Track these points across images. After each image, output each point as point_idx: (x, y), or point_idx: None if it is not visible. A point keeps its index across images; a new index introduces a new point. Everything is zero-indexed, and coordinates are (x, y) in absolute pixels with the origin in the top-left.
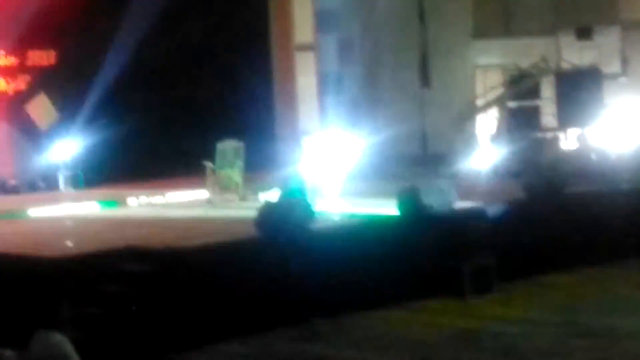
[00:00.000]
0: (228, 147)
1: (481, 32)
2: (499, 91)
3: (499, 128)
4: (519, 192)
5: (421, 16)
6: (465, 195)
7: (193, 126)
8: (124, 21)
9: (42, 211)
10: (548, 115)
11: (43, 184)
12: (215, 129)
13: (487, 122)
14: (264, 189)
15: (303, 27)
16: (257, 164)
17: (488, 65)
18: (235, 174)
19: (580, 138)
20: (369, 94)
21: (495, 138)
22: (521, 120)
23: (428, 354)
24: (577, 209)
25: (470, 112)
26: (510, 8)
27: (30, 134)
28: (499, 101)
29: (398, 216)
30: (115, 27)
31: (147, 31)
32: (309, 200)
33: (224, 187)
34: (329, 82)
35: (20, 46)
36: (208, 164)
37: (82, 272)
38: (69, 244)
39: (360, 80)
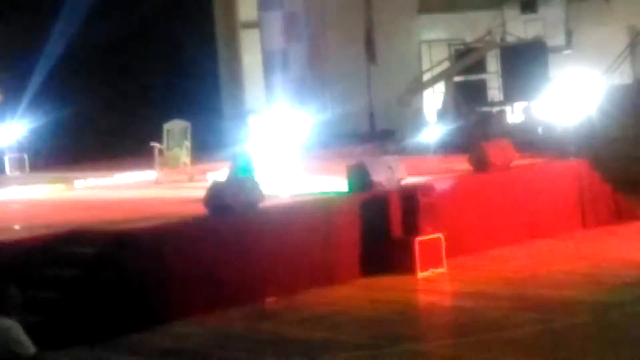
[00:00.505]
0: (175, 127)
1: (426, 6)
2: (445, 66)
3: (445, 103)
4: (466, 166)
5: None
6: (413, 170)
7: (139, 106)
8: (63, 3)
9: None
10: (494, 89)
11: None
12: (161, 109)
13: (434, 97)
14: (213, 168)
15: (247, 4)
16: (205, 143)
17: (434, 40)
18: (183, 154)
19: (526, 111)
20: (315, 71)
21: (442, 113)
22: (467, 94)
23: (380, 331)
24: (523, 182)
25: (416, 87)
26: None
27: None
28: (445, 76)
29: (347, 193)
30: (56, 6)
31: (90, 10)
32: (257, 179)
33: (172, 167)
34: (274, 59)
35: None
36: (156, 145)
37: (30, 256)
38: (17, 227)
39: (306, 57)
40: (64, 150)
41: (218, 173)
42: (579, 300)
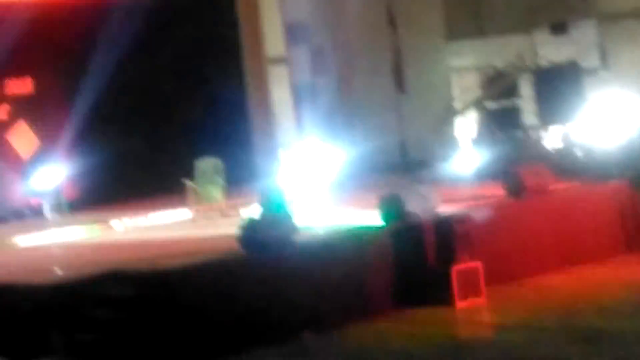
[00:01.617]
0: (207, 164)
1: (454, 33)
2: (477, 93)
3: (479, 130)
4: (502, 193)
5: (391, 20)
6: (447, 199)
7: (171, 145)
8: (98, 45)
9: (29, 239)
10: (528, 113)
11: (29, 212)
12: (193, 146)
13: (467, 124)
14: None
15: (274, 40)
16: (236, 178)
17: (463, 67)
18: (216, 191)
19: (563, 134)
20: (344, 103)
21: (475, 140)
22: (501, 120)
23: None
24: (562, 207)
25: (448, 115)
26: (482, 8)
27: (13, 163)
28: (477, 103)
29: (381, 225)
30: (90, 51)
31: (121, 54)
32: (291, 214)
33: (205, 204)
34: (303, 93)
35: None
36: (188, 183)
37: (70, 298)
38: (57, 270)
39: (335, 89)
40: (101, 191)
41: (251, 209)
42: (634, 330)
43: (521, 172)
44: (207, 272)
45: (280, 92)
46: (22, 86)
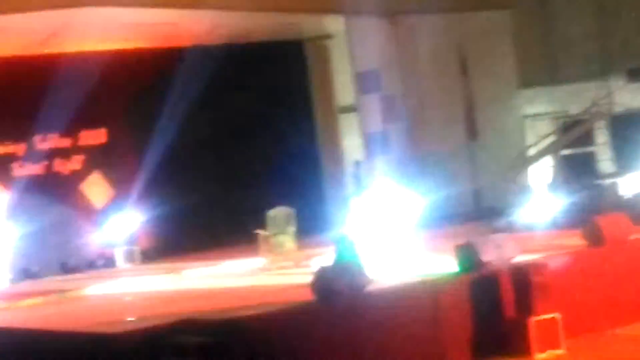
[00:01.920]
0: (279, 213)
1: (527, 80)
2: (551, 140)
3: (554, 177)
4: (580, 242)
5: (463, 68)
6: (523, 248)
7: (243, 194)
8: (170, 96)
9: (101, 288)
10: (604, 161)
11: (101, 262)
12: (265, 195)
13: (541, 172)
14: (318, 253)
15: (344, 89)
16: (309, 227)
17: (537, 114)
18: (288, 240)
19: None
20: (416, 151)
21: (550, 188)
22: (576, 168)
23: None
24: None
25: (522, 162)
26: (556, 55)
27: (87, 213)
28: (552, 150)
29: (455, 274)
30: (161, 102)
31: (192, 104)
32: (363, 263)
33: (277, 253)
34: (374, 141)
35: (72, 127)
36: (261, 232)
37: (142, 348)
38: (129, 319)
39: (406, 138)
40: (173, 240)
41: (324, 258)
42: None
43: (600, 221)
44: (280, 320)
45: (351, 141)
46: (96, 137)
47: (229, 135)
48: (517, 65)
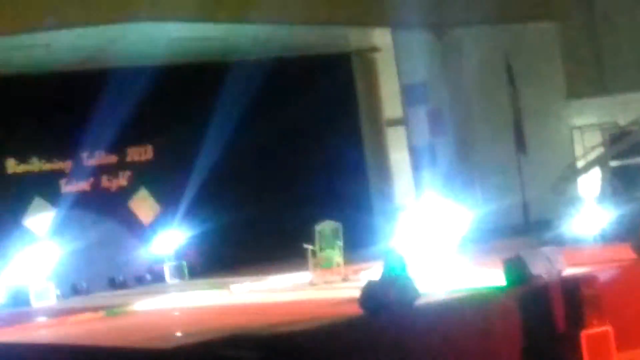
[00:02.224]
0: (327, 228)
1: (575, 91)
2: (599, 151)
3: (602, 189)
4: (630, 255)
5: (511, 80)
6: (573, 261)
7: (290, 208)
8: (217, 111)
9: (150, 304)
10: None
11: (150, 277)
12: (312, 209)
13: (590, 183)
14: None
15: (391, 102)
16: (356, 241)
17: (585, 125)
18: (336, 255)
19: None
20: (464, 164)
21: (600, 200)
22: (626, 179)
23: None
24: None
25: (570, 175)
26: (605, 65)
27: (134, 229)
28: (600, 161)
29: (505, 287)
30: (209, 117)
31: (239, 119)
32: (411, 276)
33: (325, 268)
34: (421, 154)
35: (119, 143)
36: (308, 246)
37: None
38: (178, 334)
39: (454, 150)
40: (220, 255)
41: (372, 272)
42: None
43: None
44: (329, 335)
45: (398, 154)
46: (142, 153)
47: (276, 149)
48: (566, 77)
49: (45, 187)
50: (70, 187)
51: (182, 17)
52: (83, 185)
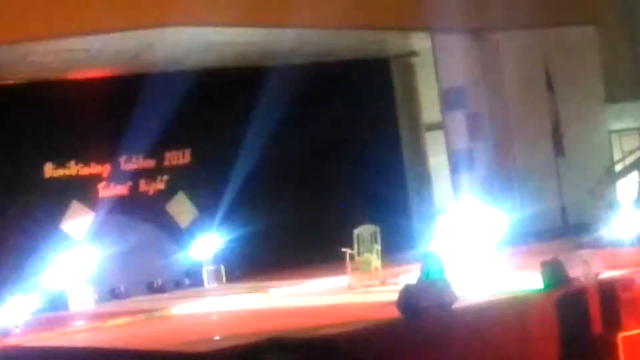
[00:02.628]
0: (365, 231)
1: (614, 95)
2: (638, 155)
3: None
4: None
5: (549, 85)
6: (611, 264)
7: (329, 212)
8: (255, 115)
9: (188, 308)
10: None
11: (188, 281)
12: (350, 213)
13: (628, 187)
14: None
15: (430, 106)
16: (395, 245)
17: (624, 129)
18: (374, 258)
19: None
20: (503, 168)
21: (637, 203)
22: None
23: None
24: None
25: (609, 178)
26: None
27: (172, 233)
28: (638, 165)
29: (542, 290)
30: (246, 121)
31: (277, 123)
32: (449, 280)
33: (363, 271)
34: (460, 159)
35: (156, 147)
36: (347, 250)
37: None
38: (216, 338)
39: (492, 155)
40: (258, 259)
41: (410, 275)
42: None
43: None
44: (367, 338)
45: (437, 158)
46: (180, 157)
47: (314, 153)
48: (604, 81)
49: (82, 191)
50: (107, 192)
51: (219, 22)
52: (121, 189)
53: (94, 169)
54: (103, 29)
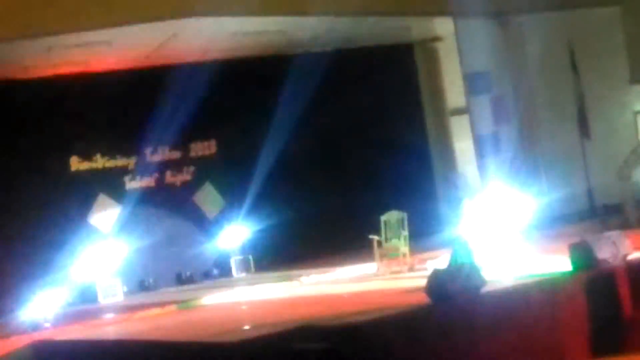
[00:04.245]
0: (392, 217)
1: (639, 76)
2: None
3: None
4: None
5: (574, 66)
6: (639, 245)
7: (355, 199)
8: (279, 104)
9: (218, 298)
10: None
11: (216, 271)
12: (377, 199)
13: None
14: (432, 256)
15: (454, 91)
16: (421, 230)
17: None
18: (402, 244)
19: None
20: (528, 151)
21: None
22: None
23: None
24: None
25: (635, 159)
26: None
27: (200, 224)
28: None
29: (571, 273)
30: (270, 110)
31: (302, 111)
32: (478, 264)
33: (391, 258)
34: (486, 143)
35: (181, 139)
36: (374, 237)
37: (261, 355)
38: (246, 327)
39: (518, 138)
40: (285, 248)
41: (438, 261)
42: None
43: None
44: (397, 324)
45: (462, 143)
46: (206, 148)
47: (340, 141)
48: (629, 61)
49: (109, 184)
50: (134, 184)
51: (241, 11)
52: (147, 181)
53: (120, 161)
54: (125, 21)
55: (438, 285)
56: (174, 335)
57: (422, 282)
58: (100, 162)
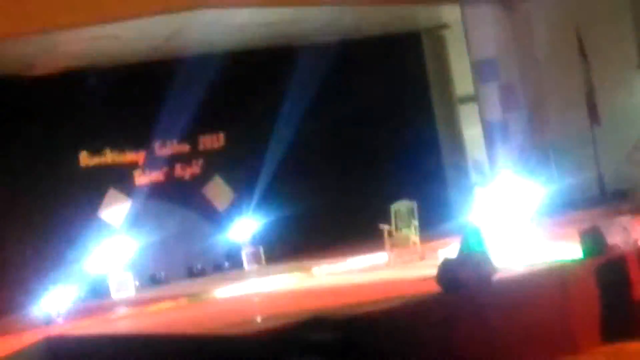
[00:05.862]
0: (402, 207)
1: None
2: None
3: None
4: None
5: (582, 52)
6: None
7: (365, 189)
8: (288, 95)
9: (230, 290)
10: None
11: (228, 264)
12: (387, 189)
13: None
14: (442, 245)
15: (462, 79)
16: (431, 219)
17: None
18: (412, 234)
19: None
20: (538, 138)
21: None
22: None
23: None
24: None
25: None
26: None
27: (210, 217)
28: None
29: (582, 258)
30: (278, 101)
31: (310, 102)
32: (488, 252)
33: (402, 247)
34: (494, 130)
35: (190, 132)
36: (384, 227)
37: (273, 347)
38: (257, 319)
39: (527, 125)
40: (295, 239)
41: (448, 249)
42: None
43: None
44: (407, 313)
45: (471, 131)
46: (214, 141)
47: (348, 130)
48: (637, 46)
49: (119, 178)
50: (144, 178)
51: (248, 3)
52: (157, 175)
53: (129, 156)
54: (132, 14)
55: (449, 273)
56: (186, 328)
57: (433, 271)
58: (109, 157)
